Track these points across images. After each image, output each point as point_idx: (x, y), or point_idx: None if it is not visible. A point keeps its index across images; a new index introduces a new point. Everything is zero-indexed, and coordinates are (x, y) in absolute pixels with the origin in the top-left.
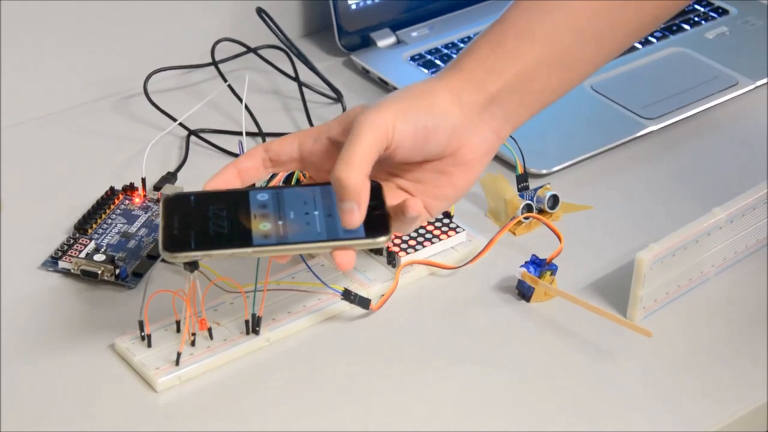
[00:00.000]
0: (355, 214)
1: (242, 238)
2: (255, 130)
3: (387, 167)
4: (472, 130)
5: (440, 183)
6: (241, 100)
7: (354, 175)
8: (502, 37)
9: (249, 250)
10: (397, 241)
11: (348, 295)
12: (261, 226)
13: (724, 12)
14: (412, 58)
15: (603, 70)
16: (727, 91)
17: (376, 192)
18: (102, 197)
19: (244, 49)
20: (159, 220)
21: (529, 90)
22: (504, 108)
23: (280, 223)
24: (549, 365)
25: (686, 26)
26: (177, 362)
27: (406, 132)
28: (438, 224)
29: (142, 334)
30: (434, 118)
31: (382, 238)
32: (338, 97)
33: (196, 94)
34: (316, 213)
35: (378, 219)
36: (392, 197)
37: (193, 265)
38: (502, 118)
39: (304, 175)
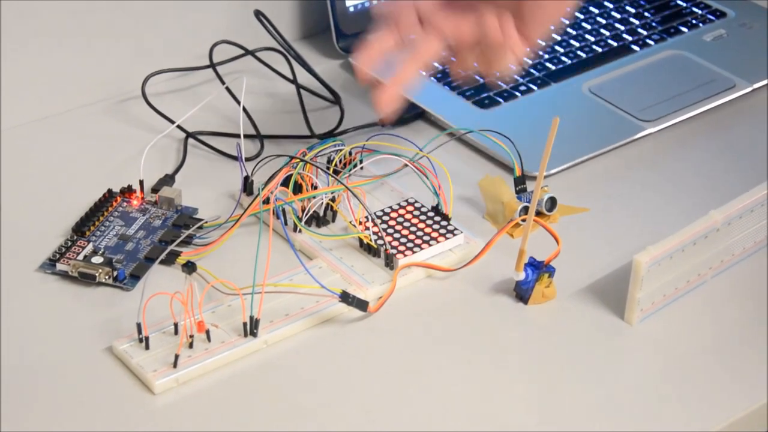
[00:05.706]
0: None
1: None
2: (253, 132)
3: None
4: None
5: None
6: (239, 102)
7: None
8: None
9: None
10: (395, 243)
11: (346, 298)
12: None
13: (722, 14)
14: None
15: (600, 72)
16: (725, 94)
17: None
18: (100, 199)
19: (241, 52)
20: None
21: None
22: None
23: None
24: (547, 367)
25: (684, 29)
26: (175, 364)
27: None
28: (436, 227)
29: (140, 336)
30: None
31: None
32: (336, 100)
33: (193, 97)
34: None
35: None
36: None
37: (191, 267)
38: None
39: (302, 179)
